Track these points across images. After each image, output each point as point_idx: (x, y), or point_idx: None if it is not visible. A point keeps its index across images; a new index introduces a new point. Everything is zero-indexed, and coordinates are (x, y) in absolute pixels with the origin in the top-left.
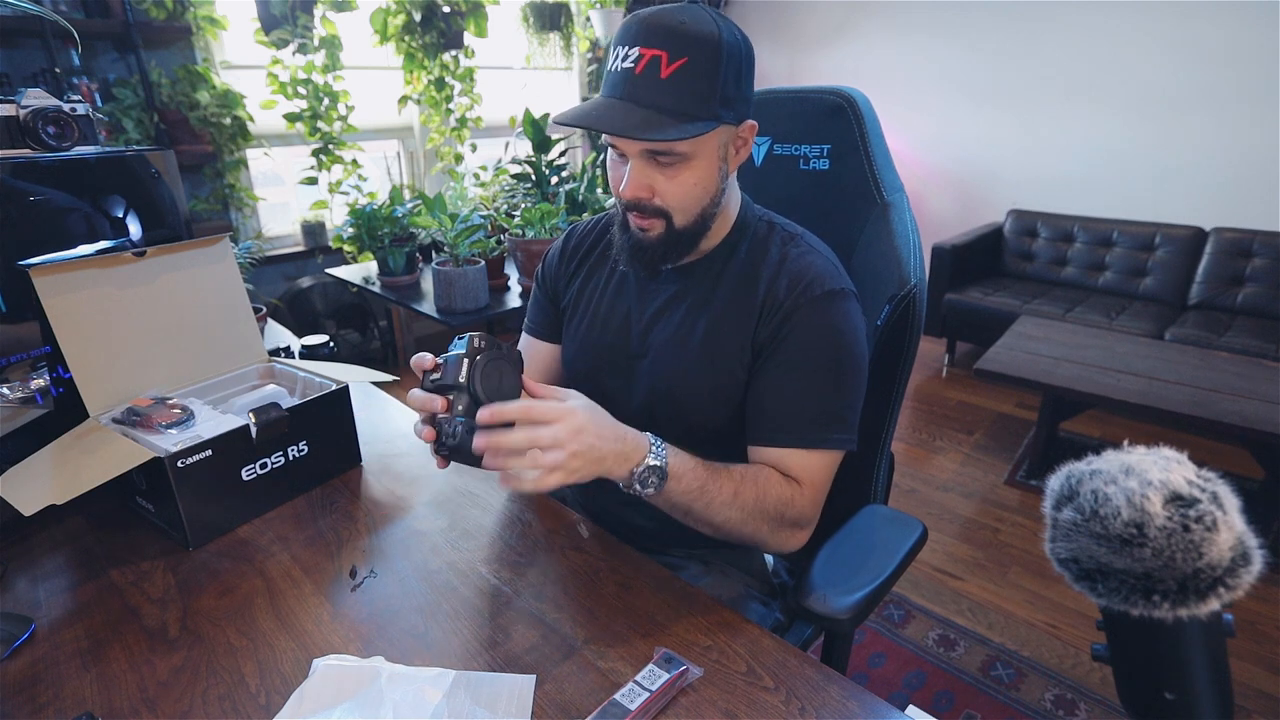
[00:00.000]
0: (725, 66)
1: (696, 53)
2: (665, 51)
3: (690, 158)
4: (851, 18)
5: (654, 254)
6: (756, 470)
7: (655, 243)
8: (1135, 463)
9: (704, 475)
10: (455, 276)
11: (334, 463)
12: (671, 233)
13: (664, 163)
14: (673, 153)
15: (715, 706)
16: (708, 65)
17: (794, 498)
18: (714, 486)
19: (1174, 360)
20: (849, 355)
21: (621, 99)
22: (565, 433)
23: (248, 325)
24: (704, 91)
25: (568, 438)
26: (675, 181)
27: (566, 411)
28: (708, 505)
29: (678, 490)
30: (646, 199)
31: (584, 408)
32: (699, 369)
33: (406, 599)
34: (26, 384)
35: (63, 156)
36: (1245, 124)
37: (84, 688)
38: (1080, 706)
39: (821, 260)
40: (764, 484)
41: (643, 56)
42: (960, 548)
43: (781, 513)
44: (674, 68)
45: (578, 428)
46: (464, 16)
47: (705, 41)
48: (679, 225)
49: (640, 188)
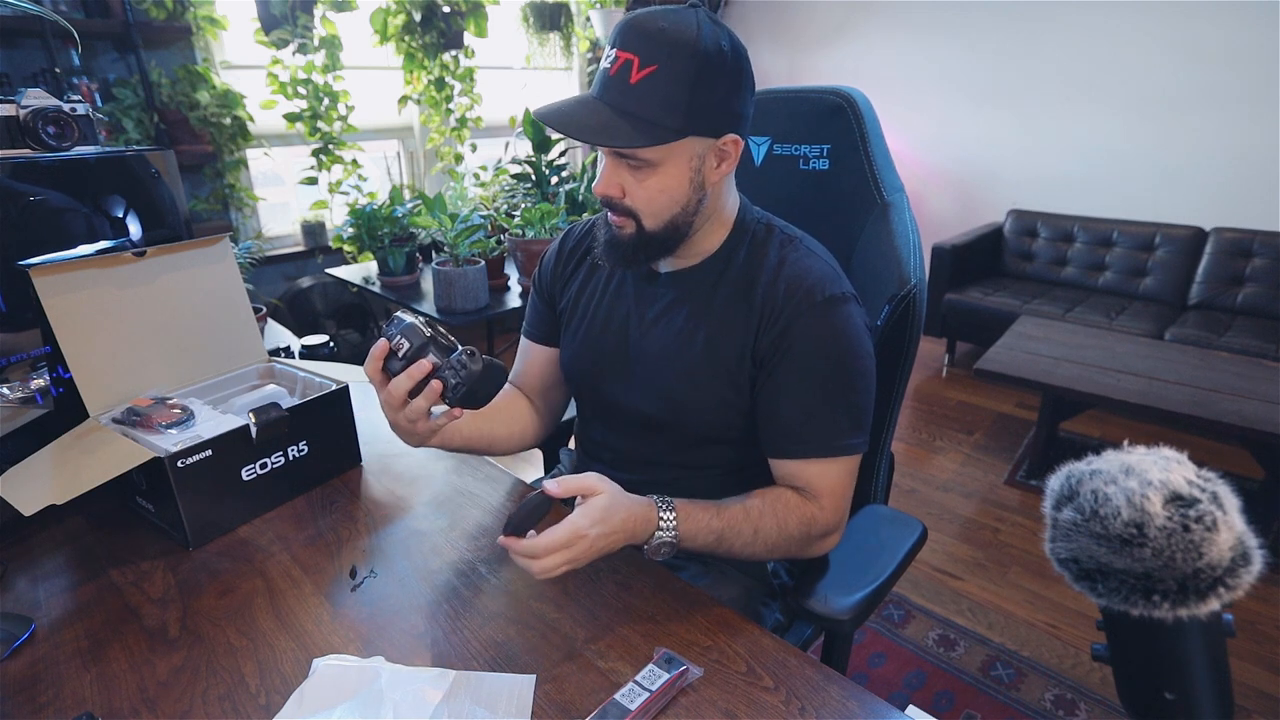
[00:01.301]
0: (700, 76)
1: (668, 60)
2: (637, 56)
3: (657, 165)
4: (851, 18)
5: (626, 252)
6: (775, 498)
7: (627, 241)
8: (1135, 463)
9: (719, 527)
10: (455, 276)
11: (334, 463)
12: (642, 234)
13: (632, 166)
14: (637, 157)
15: (715, 706)
16: (679, 74)
17: (815, 515)
18: (731, 534)
19: (1174, 360)
20: (855, 360)
21: (596, 99)
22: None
23: (248, 325)
24: (672, 100)
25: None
26: (643, 186)
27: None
28: (729, 550)
29: (694, 548)
30: (617, 198)
31: (598, 520)
32: (700, 375)
33: (406, 599)
34: (26, 384)
35: (63, 156)
36: (1245, 124)
37: (84, 688)
38: (1080, 706)
39: (820, 264)
40: (783, 513)
41: (618, 59)
42: (960, 548)
43: (806, 533)
44: (643, 74)
45: (589, 545)
46: (464, 16)
47: (680, 49)
48: (648, 229)
49: (611, 186)
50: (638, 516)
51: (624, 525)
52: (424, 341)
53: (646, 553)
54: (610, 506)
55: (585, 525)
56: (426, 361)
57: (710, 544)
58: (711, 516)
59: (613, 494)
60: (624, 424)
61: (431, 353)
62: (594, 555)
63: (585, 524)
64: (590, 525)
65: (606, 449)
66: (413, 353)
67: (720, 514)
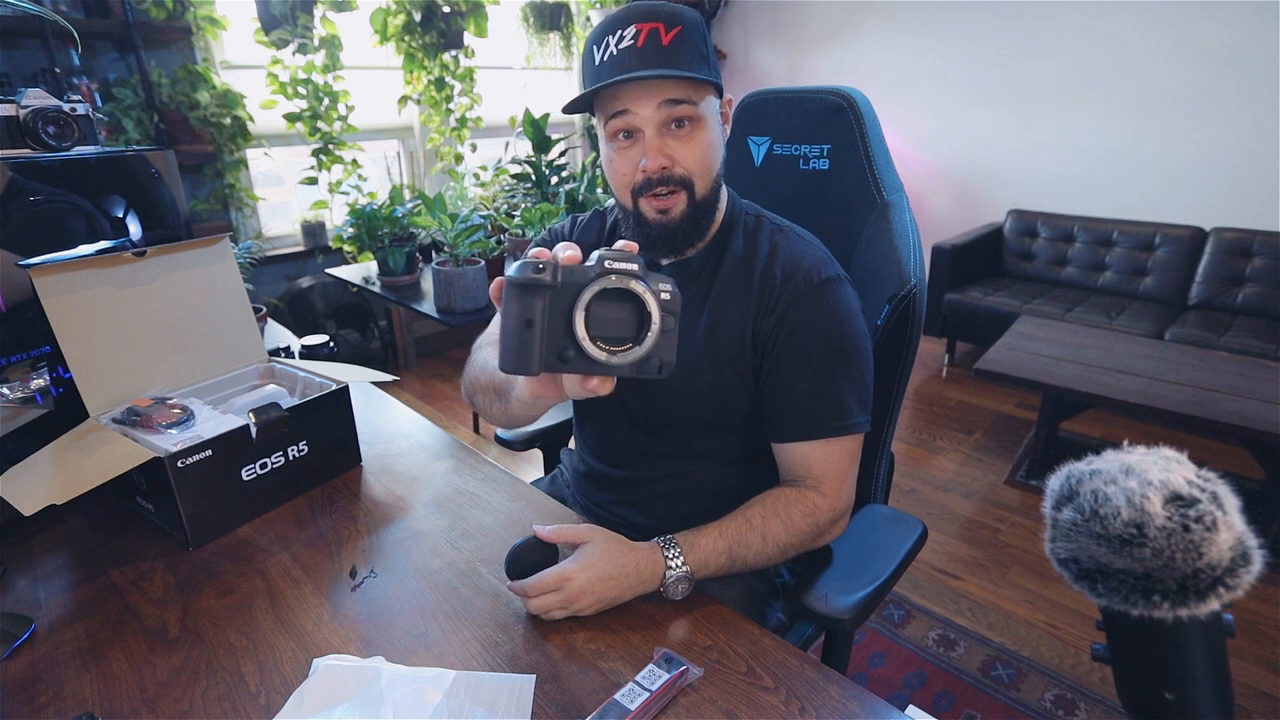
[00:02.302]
0: (706, 39)
1: (686, 23)
2: (661, 24)
3: (702, 121)
4: (851, 18)
5: (678, 235)
6: (774, 499)
7: (678, 222)
8: (1135, 463)
9: (725, 546)
10: (455, 276)
11: (334, 463)
12: (693, 205)
13: (680, 129)
14: (688, 105)
15: (715, 706)
16: (696, 34)
17: (818, 504)
18: (740, 547)
19: (1174, 360)
20: (854, 339)
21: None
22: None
23: (248, 325)
24: (700, 56)
25: (564, 603)
26: (692, 144)
27: (569, 574)
28: (744, 564)
29: (710, 574)
30: (669, 167)
31: (588, 565)
32: (702, 365)
33: (406, 599)
34: (26, 384)
35: (63, 156)
36: (1245, 124)
37: (84, 688)
38: (1080, 706)
39: (811, 248)
40: (785, 511)
41: (640, 31)
42: (960, 548)
43: (813, 525)
44: (672, 35)
45: (579, 589)
46: (464, 16)
47: (688, 14)
48: (699, 194)
49: (662, 158)
50: (641, 562)
51: (623, 571)
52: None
53: (666, 594)
54: (603, 554)
55: (573, 570)
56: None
57: (724, 565)
58: (715, 538)
59: (606, 542)
60: (624, 419)
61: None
62: (596, 602)
63: (574, 569)
64: (579, 570)
65: (606, 446)
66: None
67: (723, 532)
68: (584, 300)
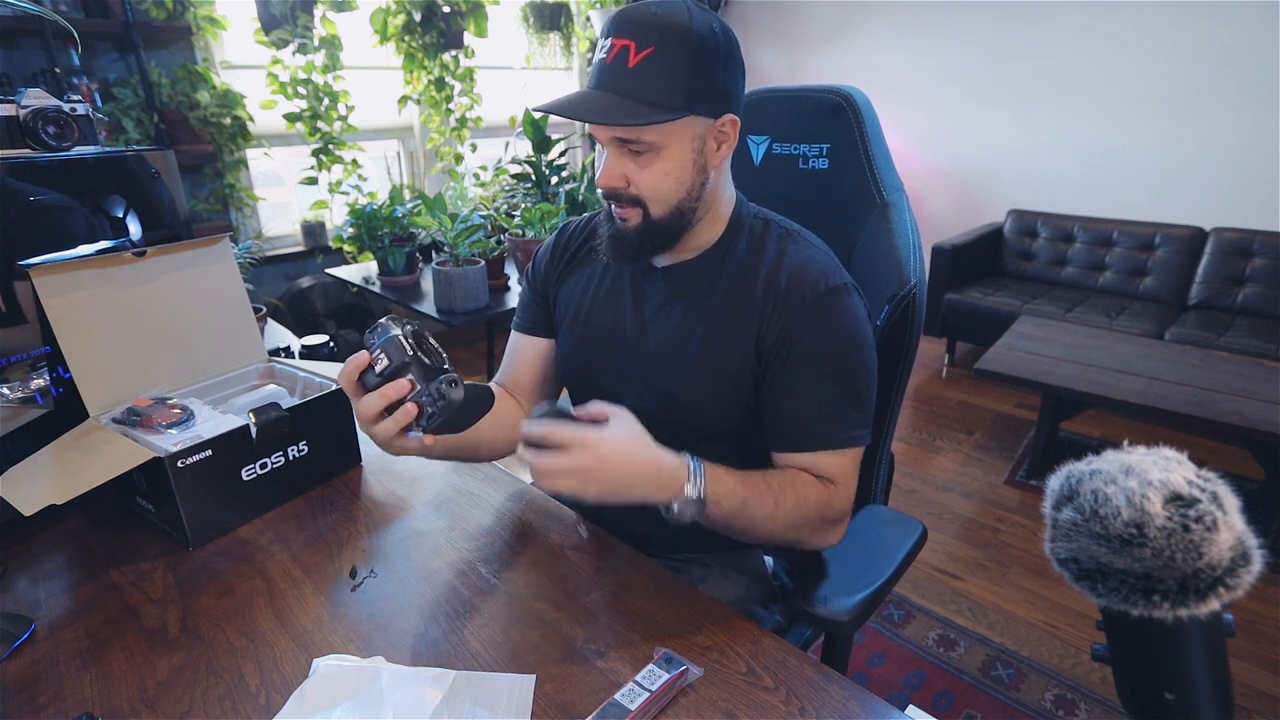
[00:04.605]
0: (697, 57)
1: (663, 43)
2: (633, 41)
3: (660, 148)
4: (852, 17)
5: (632, 244)
6: (793, 476)
7: (633, 233)
8: (1135, 463)
9: (743, 494)
10: (455, 276)
11: (334, 463)
12: (649, 223)
13: (635, 151)
14: (641, 141)
15: (715, 706)
16: (675, 55)
17: (831, 498)
18: (754, 503)
19: (1174, 360)
20: (860, 351)
21: (595, 88)
22: (582, 463)
23: (248, 325)
24: (670, 81)
25: (573, 472)
26: (647, 171)
27: (592, 441)
28: (749, 521)
29: (717, 514)
30: (621, 188)
31: (614, 438)
32: (699, 370)
33: (406, 599)
34: (26, 384)
35: (63, 156)
36: (1245, 124)
37: (84, 688)
38: (1080, 706)
39: (819, 255)
40: (802, 490)
41: (614, 46)
42: (960, 548)
43: (822, 514)
44: (640, 57)
45: (597, 460)
46: (464, 16)
47: (673, 31)
48: (655, 216)
49: (614, 177)
50: (664, 464)
51: (644, 466)
52: (404, 361)
53: (672, 513)
54: (633, 437)
55: (594, 438)
56: (405, 382)
57: (734, 509)
58: (736, 483)
59: (638, 427)
60: None
61: (411, 373)
62: (604, 484)
63: (595, 437)
64: (599, 441)
65: None
66: (391, 371)
67: (744, 481)
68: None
